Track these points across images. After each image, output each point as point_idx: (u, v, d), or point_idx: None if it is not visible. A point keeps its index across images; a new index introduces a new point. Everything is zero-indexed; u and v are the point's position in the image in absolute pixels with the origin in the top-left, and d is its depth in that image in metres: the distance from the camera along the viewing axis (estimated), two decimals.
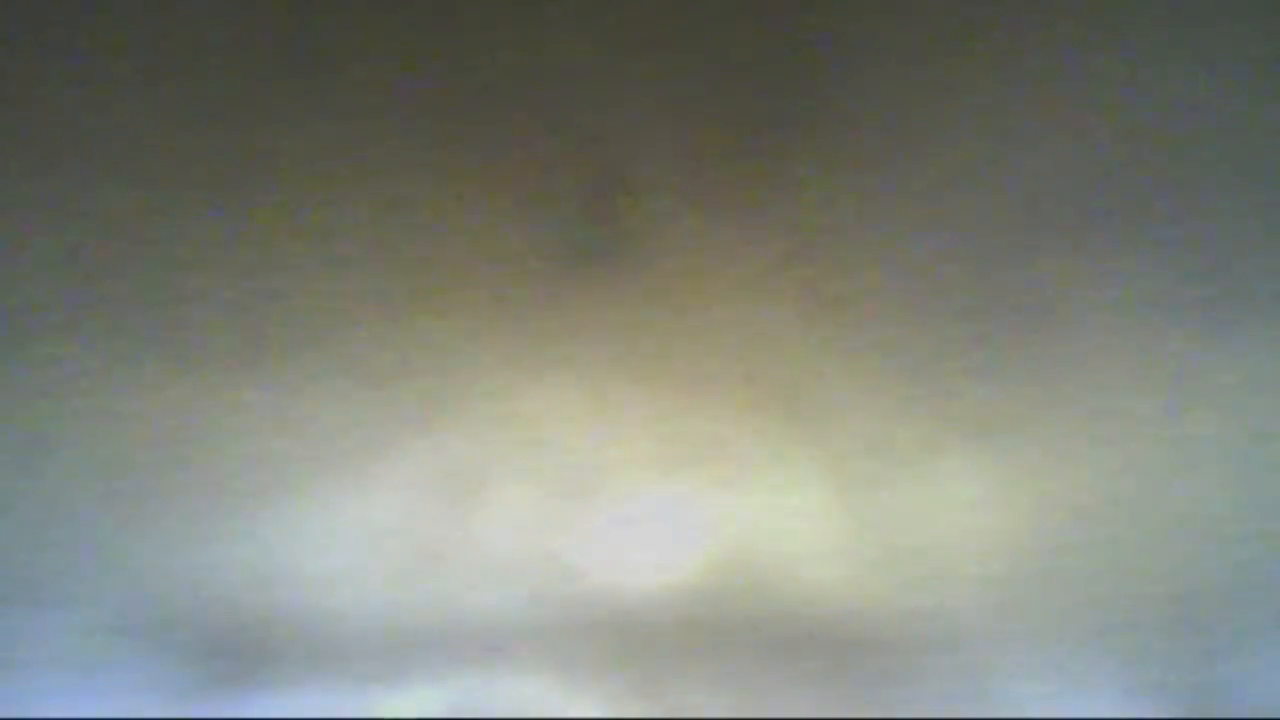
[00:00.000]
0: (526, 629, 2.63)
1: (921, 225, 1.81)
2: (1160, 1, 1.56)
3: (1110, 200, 1.78)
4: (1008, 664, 2.75)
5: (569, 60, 1.59)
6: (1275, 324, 1.95)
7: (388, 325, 1.95)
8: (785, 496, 2.29)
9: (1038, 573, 2.50)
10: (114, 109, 1.61)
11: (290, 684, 2.78)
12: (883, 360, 2.02)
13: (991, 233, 1.82)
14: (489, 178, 1.73)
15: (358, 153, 1.69)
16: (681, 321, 1.95)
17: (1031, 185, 1.76)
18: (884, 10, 1.56)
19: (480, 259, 1.84)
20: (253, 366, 2.00)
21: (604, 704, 2.86)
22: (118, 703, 2.83)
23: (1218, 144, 1.71)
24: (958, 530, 2.38)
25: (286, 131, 1.65)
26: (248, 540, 2.37)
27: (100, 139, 1.65)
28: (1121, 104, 1.66)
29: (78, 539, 2.34)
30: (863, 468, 2.23)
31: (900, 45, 1.59)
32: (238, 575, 2.45)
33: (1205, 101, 1.65)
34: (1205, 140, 1.71)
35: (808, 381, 2.05)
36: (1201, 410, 2.10)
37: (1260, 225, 1.80)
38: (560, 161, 1.71)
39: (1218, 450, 2.18)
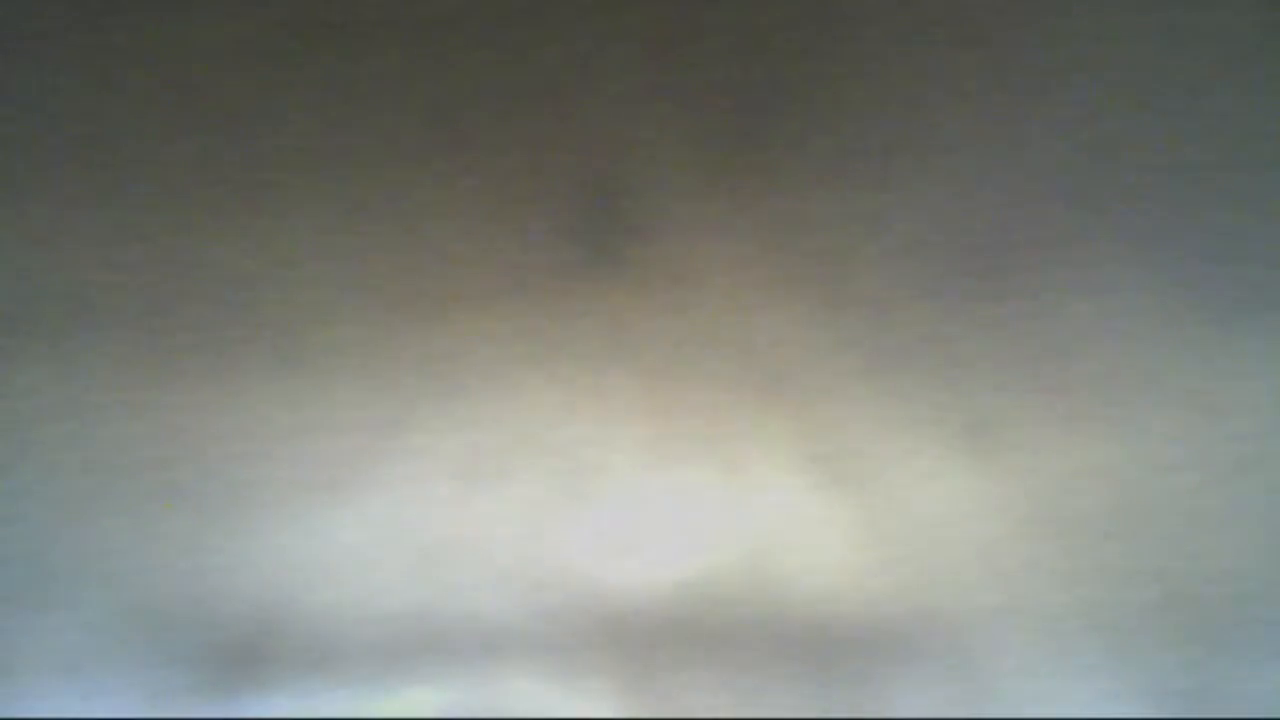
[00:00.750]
0: (527, 628, 2.63)
1: (920, 226, 1.81)
2: (1161, 2, 1.56)
3: (1110, 202, 1.78)
4: (1006, 664, 2.76)
5: (569, 62, 1.59)
6: (1275, 326, 1.96)
7: (388, 327, 1.95)
8: (785, 496, 2.29)
9: (1037, 573, 2.50)
10: (123, 111, 1.62)
11: (290, 684, 2.78)
12: (883, 360, 2.02)
13: (991, 234, 1.82)
14: (491, 180, 1.73)
15: (362, 156, 1.69)
16: (682, 322, 1.96)
17: (1031, 188, 1.76)
18: (885, 15, 1.56)
19: (483, 261, 1.85)
20: (253, 368, 2.00)
21: (604, 704, 2.86)
22: (118, 703, 2.83)
23: (1219, 144, 1.71)
24: (957, 530, 2.38)
25: (291, 135, 1.66)
26: (248, 542, 2.37)
27: (109, 140, 1.65)
28: (1121, 106, 1.66)
29: (79, 540, 2.34)
30: (863, 468, 2.23)
31: (901, 46, 1.59)
32: (238, 577, 2.45)
33: (1207, 101, 1.66)
34: (1205, 140, 1.71)
35: (809, 382, 2.06)
36: (1202, 411, 2.11)
37: (1262, 227, 1.81)
38: (560, 162, 1.71)
39: (1219, 451, 2.19)
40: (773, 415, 2.12)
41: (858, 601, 2.56)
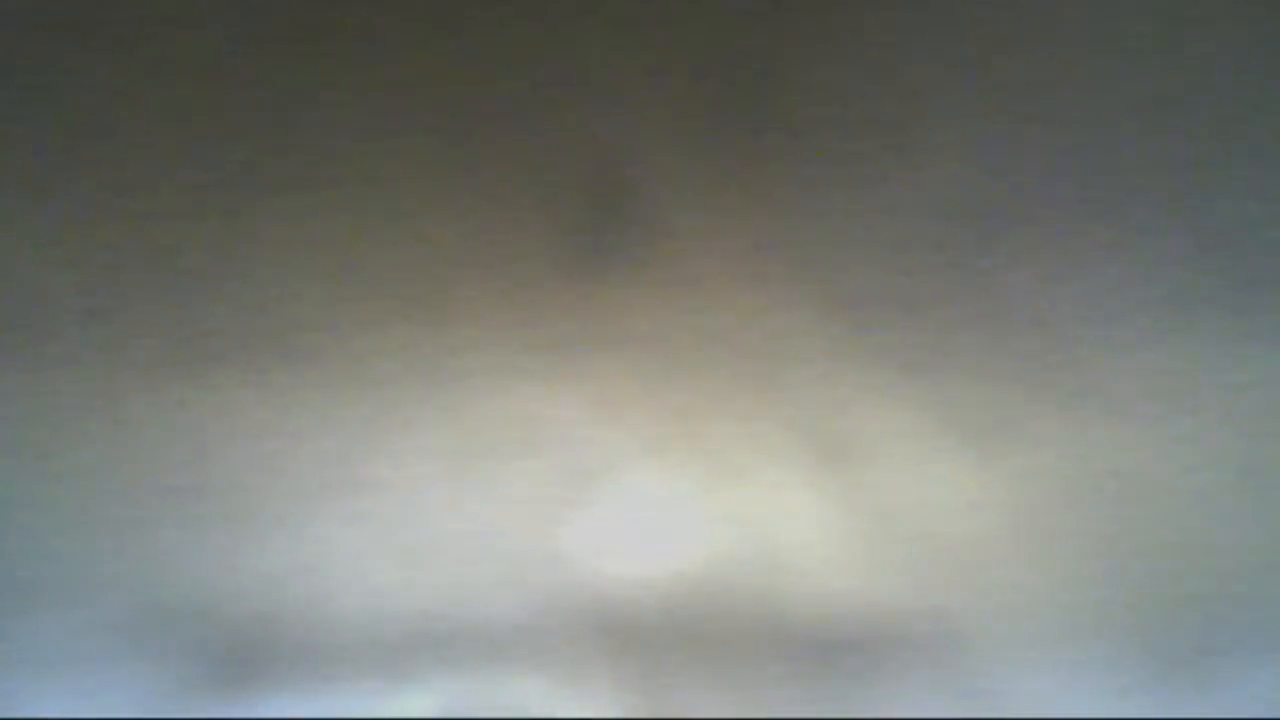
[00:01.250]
0: (527, 629, 2.63)
1: (924, 227, 1.81)
2: None
3: (1111, 199, 1.78)
4: (1006, 663, 2.76)
5: (572, 64, 1.59)
6: (1276, 324, 1.95)
7: (390, 328, 1.95)
8: (786, 496, 2.29)
9: (1036, 573, 2.50)
10: (123, 114, 1.62)
11: (291, 685, 2.78)
12: (885, 361, 2.02)
13: (996, 232, 1.82)
14: (489, 179, 1.73)
15: (364, 158, 1.69)
16: (682, 321, 1.96)
17: (1034, 185, 1.76)
18: (888, 17, 1.56)
19: (480, 261, 1.84)
20: (255, 370, 2.00)
21: (604, 703, 2.87)
22: (118, 704, 2.83)
23: (1219, 141, 1.71)
24: (957, 530, 2.38)
25: (294, 137, 1.65)
26: (249, 542, 2.37)
27: (110, 144, 1.65)
28: (1121, 99, 1.65)
29: (81, 540, 2.34)
30: (864, 468, 2.23)
31: (904, 48, 1.59)
32: (239, 577, 2.46)
33: (1205, 96, 1.65)
34: (1206, 137, 1.70)
35: (810, 383, 2.05)
36: (1202, 411, 2.11)
37: (1263, 223, 1.80)
38: (563, 164, 1.71)
39: (1218, 451, 2.19)
40: (772, 413, 2.12)
41: (857, 600, 2.56)
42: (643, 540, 2.41)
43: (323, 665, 2.73)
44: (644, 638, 2.67)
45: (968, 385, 2.06)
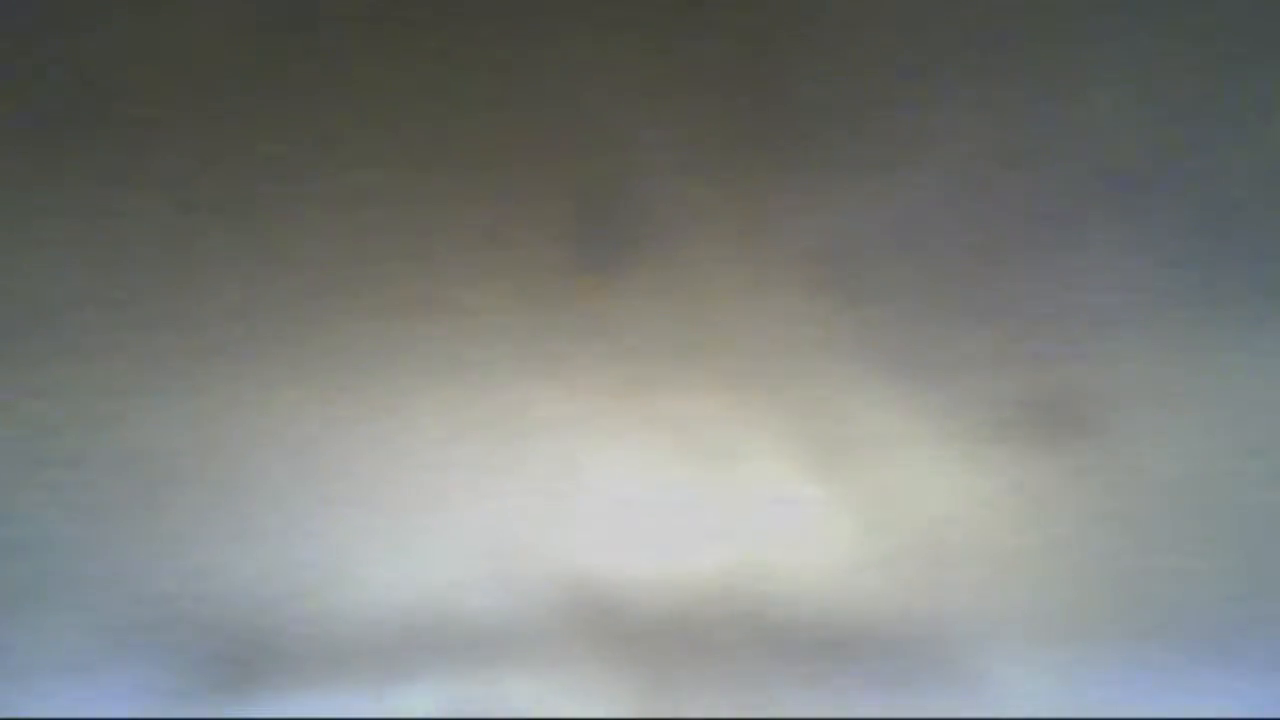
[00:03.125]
0: (525, 629, 2.63)
1: (920, 223, 1.81)
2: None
3: (1117, 196, 1.78)
4: (1006, 663, 2.76)
5: (572, 61, 1.59)
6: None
7: (386, 329, 1.95)
8: (785, 494, 2.29)
9: (1037, 573, 2.50)
10: (124, 119, 1.62)
11: (289, 685, 2.78)
12: (888, 361, 2.02)
13: (998, 231, 1.82)
14: (490, 177, 1.73)
15: (363, 158, 1.69)
16: (681, 323, 1.95)
17: (1037, 182, 1.75)
18: (887, 13, 1.56)
19: (479, 258, 1.84)
20: (253, 369, 2.00)
21: (604, 704, 2.86)
22: (117, 704, 2.83)
23: (1223, 140, 1.71)
24: (957, 530, 2.38)
25: (289, 140, 1.65)
26: (248, 542, 2.37)
27: (112, 142, 1.65)
28: (1126, 99, 1.65)
29: (80, 540, 2.34)
30: (865, 468, 2.23)
31: (902, 43, 1.59)
32: (237, 577, 2.45)
33: (1210, 95, 1.65)
34: (1211, 137, 1.70)
35: (812, 382, 2.05)
36: (1208, 413, 2.10)
37: (1273, 222, 1.80)
38: (564, 164, 1.71)
39: (1222, 452, 2.18)
40: (772, 415, 2.12)
41: (856, 599, 2.56)
42: (642, 540, 2.41)
43: (322, 666, 2.72)
44: (643, 637, 2.67)
45: (970, 383, 2.06)
